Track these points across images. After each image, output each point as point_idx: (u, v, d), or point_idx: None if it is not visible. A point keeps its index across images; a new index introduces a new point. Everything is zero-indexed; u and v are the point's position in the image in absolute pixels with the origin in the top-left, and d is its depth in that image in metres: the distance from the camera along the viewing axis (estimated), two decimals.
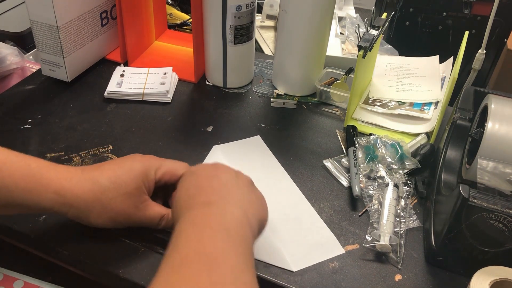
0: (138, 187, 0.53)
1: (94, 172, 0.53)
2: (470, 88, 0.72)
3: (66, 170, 0.52)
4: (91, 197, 0.51)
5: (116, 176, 0.53)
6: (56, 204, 0.51)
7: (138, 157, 0.57)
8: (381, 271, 0.58)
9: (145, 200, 0.54)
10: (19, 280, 0.64)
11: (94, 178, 0.52)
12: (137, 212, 0.54)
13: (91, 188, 0.52)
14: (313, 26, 0.80)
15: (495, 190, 0.54)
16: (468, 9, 1.08)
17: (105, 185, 0.52)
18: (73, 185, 0.51)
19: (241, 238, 0.44)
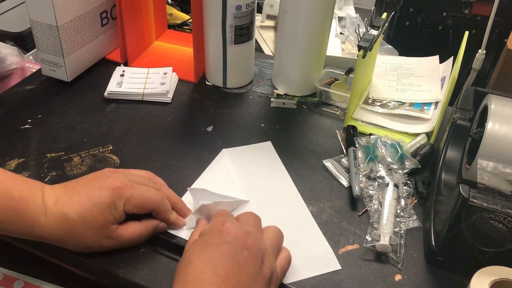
0: (106, 220, 0.54)
1: (65, 206, 0.53)
2: (470, 88, 0.73)
3: (43, 201, 0.53)
4: (64, 232, 0.53)
5: (85, 210, 0.53)
6: (33, 236, 0.53)
7: (108, 180, 0.55)
8: (381, 271, 0.58)
9: (115, 229, 0.55)
10: (19, 280, 0.64)
11: (64, 213, 0.53)
12: (111, 241, 0.55)
13: (63, 223, 0.53)
14: (313, 26, 0.80)
15: (495, 190, 0.54)
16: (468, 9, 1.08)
17: (75, 221, 0.53)
18: (47, 221, 0.53)
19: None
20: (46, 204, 0.53)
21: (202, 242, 0.49)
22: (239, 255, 0.47)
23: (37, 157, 0.70)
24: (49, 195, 0.54)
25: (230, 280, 0.46)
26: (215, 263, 0.46)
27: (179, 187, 0.67)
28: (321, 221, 0.63)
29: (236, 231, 0.50)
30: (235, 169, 0.69)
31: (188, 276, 0.46)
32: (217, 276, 0.45)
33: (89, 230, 0.53)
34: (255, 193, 0.66)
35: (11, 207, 0.52)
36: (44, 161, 0.70)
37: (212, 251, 0.48)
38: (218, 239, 0.49)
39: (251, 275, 0.47)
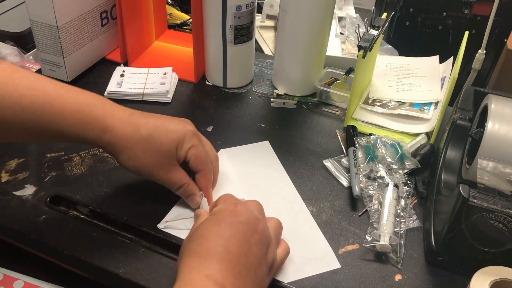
0: (170, 150, 0.57)
1: (140, 120, 0.57)
2: (470, 88, 0.73)
3: (114, 109, 0.56)
4: (129, 142, 0.56)
5: (157, 132, 0.57)
6: (98, 140, 0.55)
7: (187, 123, 0.60)
8: (381, 271, 0.58)
9: (172, 164, 0.58)
10: (19, 280, 0.64)
11: (137, 125, 0.56)
12: (160, 171, 0.58)
13: (131, 134, 0.56)
14: (313, 26, 0.80)
15: (495, 190, 0.54)
16: (468, 9, 1.08)
17: (144, 136, 0.56)
18: (117, 126, 0.55)
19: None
20: (119, 112, 0.56)
21: (215, 219, 0.50)
22: (250, 237, 0.48)
23: (37, 157, 0.70)
24: (123, 108, 0.57)
25: (241, 258, 0.46)
26: (228, 239, 0.47)
27: None
28: (321, 221, 0.63)
29: (248, 214, 0.51)
30: (234, 169, 0.69)
31: (200, 248, 0.47)
32: (228, 252, 0.46)
33: (152, 150, 0.56)
34: (254, 193, 0.66)
35: (79, 112, 0.54)
36: (44, 161, 0.70)
37: (225, 227, 0.48)
38: (232, 218, 0.50)
39: (258, 258, 0.48)
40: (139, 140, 0.56)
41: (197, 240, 0.48)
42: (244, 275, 0.46)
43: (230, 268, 0.45)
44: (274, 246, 0.52)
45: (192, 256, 0.46)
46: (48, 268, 0.64)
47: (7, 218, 0.61)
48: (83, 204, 0.63)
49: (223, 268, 0.45)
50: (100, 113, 0.55)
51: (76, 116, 0.54)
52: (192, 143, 0.59)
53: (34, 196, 0.64)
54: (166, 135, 0.57)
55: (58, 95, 0.53)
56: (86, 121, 0.54)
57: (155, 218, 0.62)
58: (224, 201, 0.55)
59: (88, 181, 0.67)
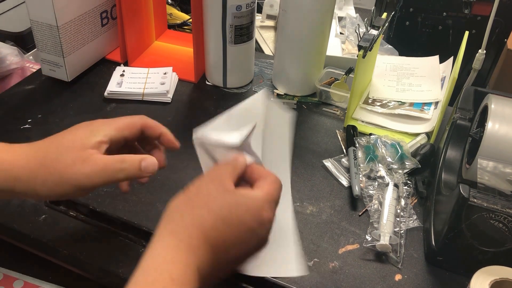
0: (82, 141, 0.48)
1: (37, 142, 0.50)
2: (470, 88, 0.72)
3: (7, 145, 0.50)
4: (35, 164, 0.48)
5: (59, 136, 0.50)
6: (1, 181, 0.48)
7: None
8: (381, 271, 0.58)
9: (91, 154, 0.48)
10: (19, 280, 0.64)
11: (37, 145, 0.49)
12: (87, 165, 0.47)
13: (34, 155, 0.48)
14: (313, 26, 0.80)
15: (495, 190, 0.54)
16: (468, 9, 1.08)
17: (48, 148, 0.49)
18: (17, 156, 0.48)
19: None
20: (12, 146, 0.50)
21: (246, 209, 0.44)
22: (252, 249, 0.46)
23: None
24: (14, 144, 0.50)
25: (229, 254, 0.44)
26: (233, 246, 0.44)
27: (179, 187, 0.66)
28: (321, 221, 0.63)
29: (271, 225, 0.46)
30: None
31: (206, 230, 0.43)
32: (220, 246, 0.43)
33: (63, 152, 0.48)
34: None
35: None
36: None
37: (243, 235, 0.44)
38: (256, 228, 0.44)
39: (246, 255, 0.46)
40: (45, 154, 0.48)
41: (212, 223, 0.43)
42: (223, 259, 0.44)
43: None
44: (272, 223, 0.47)
45: (189, 228, 0.43)
46: (48, 268, 0.64)
47: (7, 218, 0.61)
48: (83, 204, 0.63)
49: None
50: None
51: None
52: (107, 124, 0.51)
53: None
54: (71, 133, 0.50)
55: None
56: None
57: (155, 218, 0.62)
58: (269, 184, 0.47)
59: None
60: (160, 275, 0.40)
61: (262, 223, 0.45)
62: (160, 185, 0.67)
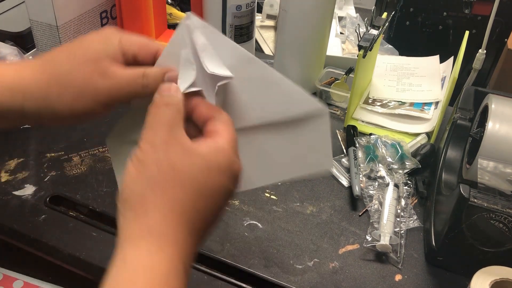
0: (97, 51, 0.42)
1: (42, 56, 0.44)
2: (470, 88, 0.72)
3: (8, 63, 0.44)
4: (45, 77, 0.42)
5: (70, 47, 0.43)
6: (5, 100, 0.41)
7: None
8: (381, 271, 0.58)
9: (111, 65, 0.42)
10: (18, 280, 0.64)
11: (44, 57, 0.43)
12: (106, 79, 0.42)
13: (42, 68, 0.42)
14: (313, 26, 0.80)
15: (495, 190, 0.53)
16: (468, 9, 1.08)
17: (59, 59, 0.42)
18: (21, 70, 0.42)
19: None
20: (14, 62, 0.44)
21: (214, 181, 0.37)
22: (222, 207, 0.39)
23: (36, 157, 0.70)
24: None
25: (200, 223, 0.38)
26: (212, 216, 0.38)
27: None
28: (321, 221, 0.63)
29: (240, 174, 0.40)
30: None
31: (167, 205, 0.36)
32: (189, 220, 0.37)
33: (78, 64, 0.42)
34: None
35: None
36: (43, 161, 0.70)
37: (221, 201, 0.38)
38: (229, 184, 0.38)
39: (217, 217, 0.40)
40: (56, 67, 0.42)
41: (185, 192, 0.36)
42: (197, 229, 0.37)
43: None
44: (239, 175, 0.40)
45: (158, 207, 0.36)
46: (48, 268, 0.64)
47: (6, 218, 0.61)
48: (83, 204, 0.63)
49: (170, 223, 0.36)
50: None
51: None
52: (120, 34, 0.44)
53: (33, 196, 0.64)
54: (83, 43, 0.43)
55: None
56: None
57: None
58: (229, 135, 0.39)
59: (87, 181, 0.67)
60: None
61: (235, 178, 0.39)
62: None
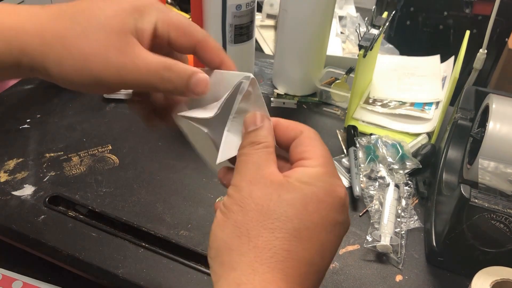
0: (124, 23, 0.35)
1: (57, 5, 0.36)
2: (471, 88, 0.72)
3: (9, 5, 0.36)
4: (50, 33, 0.34)
5: (90, 2, 0.35)
6: (3, 52, 0.34)
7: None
8: (381, 272, 0.57)
9: (135, 44, 0.35)
10: (18, 280, 0.63)
11: (54, 8, 0.35)
12: (122, 57, 0.34)
13: (49, 21, 0.35)
14: (313, 26, 0.79)
15: (496, 190, 0.53)
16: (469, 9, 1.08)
17: (72, 16, 0.35)
18: (23, 19, 0.35)
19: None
20: (18, 7, 0.36)
21: (313, 217, 0.30)
22: (342, 232, 0.33)
23: (36, 157, 0.70)
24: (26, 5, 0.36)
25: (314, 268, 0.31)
26: (321, 255, 0.31)
27: (179, 187, 0.66)
28: None
29: (347, 196, 0.33)
30: None
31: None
32: (311, 265, 0.30)
33: (94, 28, 0.34)
34: None
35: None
36: (43, 161, 0.69)
37: (329, 237, 0.31)
38: (335, 215, 0.31)
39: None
40: (67, 23, 0.34)
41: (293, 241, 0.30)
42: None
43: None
44: None
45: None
46: (47, 268, 0.64)
47: (6, 218, 0.61)
48: (82, 204, 0.63)
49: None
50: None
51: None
52: (161, 13, 0.37)
53: (33, 196, 0.64)
54: (111, 5, 0.35)
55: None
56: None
57: (155, 218, 0.62)
58: (319, 151, 0.33)
59: (87, 181, 0.67)
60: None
61: (341, 204, 0.32)
62: (159, 185, 0.67)
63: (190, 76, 0.36)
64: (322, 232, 0.30)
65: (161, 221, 0.61)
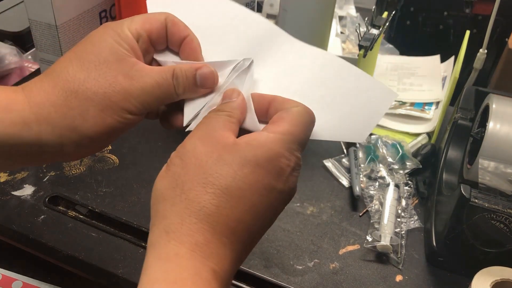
0: (114, 48, 0.35)
1: (49, 69, 0.37)
2: (471, 87, 0.72)
3: (12, 88, 0.36)
4: (60, 95, 0.34)
5: (78, 52, 0.36)
6: (18, 133, 0.34)
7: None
8: (382, 272, 0.57)
9: (134, 64, 0.36)
10: (17, 280, 0.63)
11: (51, 72, 0.36)
12: (133, 83, 0.35)
13: (54, 84, 0.35)
14: (313, 26, 0.79)
15: (496, 190, 0.53)
16: (469, 9, 1.08)
17: (71, 70, 0.35)
18: (30, 94, 0.35)
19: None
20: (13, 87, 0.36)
21: (248, 178, 0.32)
22: (280, 201, 0.34)
23: None
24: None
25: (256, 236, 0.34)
26: (253, 221, 0.32)
27: None
28: (321, 222, 0.63)
29: (297, 172, 0.35)
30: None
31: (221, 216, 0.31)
32: (249, 231, 0.32)
33: (94, 71, 0.35)
34: None
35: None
36: None
37: (262, 202, 0.33)
38: (272, 182, 0.33)
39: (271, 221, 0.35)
40: (69, 79, 0.35)
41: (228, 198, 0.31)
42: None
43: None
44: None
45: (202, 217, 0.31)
46: (47, 268, 0.63)
47: (5, 218, 0.61)
48: (82, 204, 0.63)
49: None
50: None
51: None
52: (123, 24, 0.38)
53: (33, 196, 0.64)
54: (92, 44, 0.36)
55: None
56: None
57: None
58: (285, 128, 0.34)
59: (87, 181, 0.66)
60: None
61: (282, 174, 0.33)
62: None
63: (195, 71, 0.37)
64: (255, 194, 0.32)
65: None
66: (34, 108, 0.34)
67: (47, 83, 0.35)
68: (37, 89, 0.35)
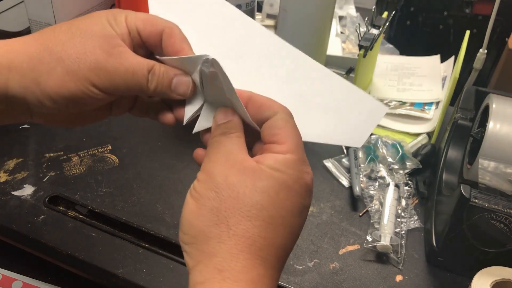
0: (105, 27, 0.36)
1: (39, 31, 0.37)
2: (471, 87, 0.72)
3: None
4: (37, 49, 0.35)
5: (74, 20, 0.37)
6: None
7: None
8: (382, 272, 0.57)
9: (118, 45, 0.36)
10: (17, 280, 0.63)
11: (41, 30, 0.37)
12: (109, 59, 0.35)
13: (36, 38, 0.36)
14: (313, 25, 0.79)
15: (496, 190, 0.53)
16: (469, 9, 1.08)
17: (57, 30, 0.36)
18: (10, 42, 0.36)
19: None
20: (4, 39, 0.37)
21: (284, 203, 0.33)
22: (306, 214, 0.35)
23: (36, 157, 0.70)
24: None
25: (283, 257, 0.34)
26: (290, 239, 0.33)
27: (179, 187, 0.66)
28: (321, 222, 0.63)
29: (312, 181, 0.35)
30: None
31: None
32: (276, 248, 0.33)
33: (78, 36, 0.35)
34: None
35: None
36: (43, 161, 0.69)
37: (296, 221, 0.34)
38: (302, 200, 0.34)
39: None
40: (52, 37, 0.36)
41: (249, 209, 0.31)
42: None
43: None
44: None
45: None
46: (47, 268, 0.63)
47: (5, 218, 0.61)
48: (82, 204, 0.63)
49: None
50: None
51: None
52: (125, 12, 0.39)
53: (32, 196, 0.64)
54: (87, 19, 0.37)
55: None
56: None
57: (155, 218, 0.62)
58: (290, 137, 0.35)
59: (87, 181, 0.66)
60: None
61: (308, 191, 0.34)
62: (159, 185, 0.67)
63: (172, 77, 0.38)
64: (293, 217, 0.33)
65: (161, 221, 0.61)
66: (10, 54, 0.35)
67: (32, 36, 0.36)
68: (22, 40, 0.36)
